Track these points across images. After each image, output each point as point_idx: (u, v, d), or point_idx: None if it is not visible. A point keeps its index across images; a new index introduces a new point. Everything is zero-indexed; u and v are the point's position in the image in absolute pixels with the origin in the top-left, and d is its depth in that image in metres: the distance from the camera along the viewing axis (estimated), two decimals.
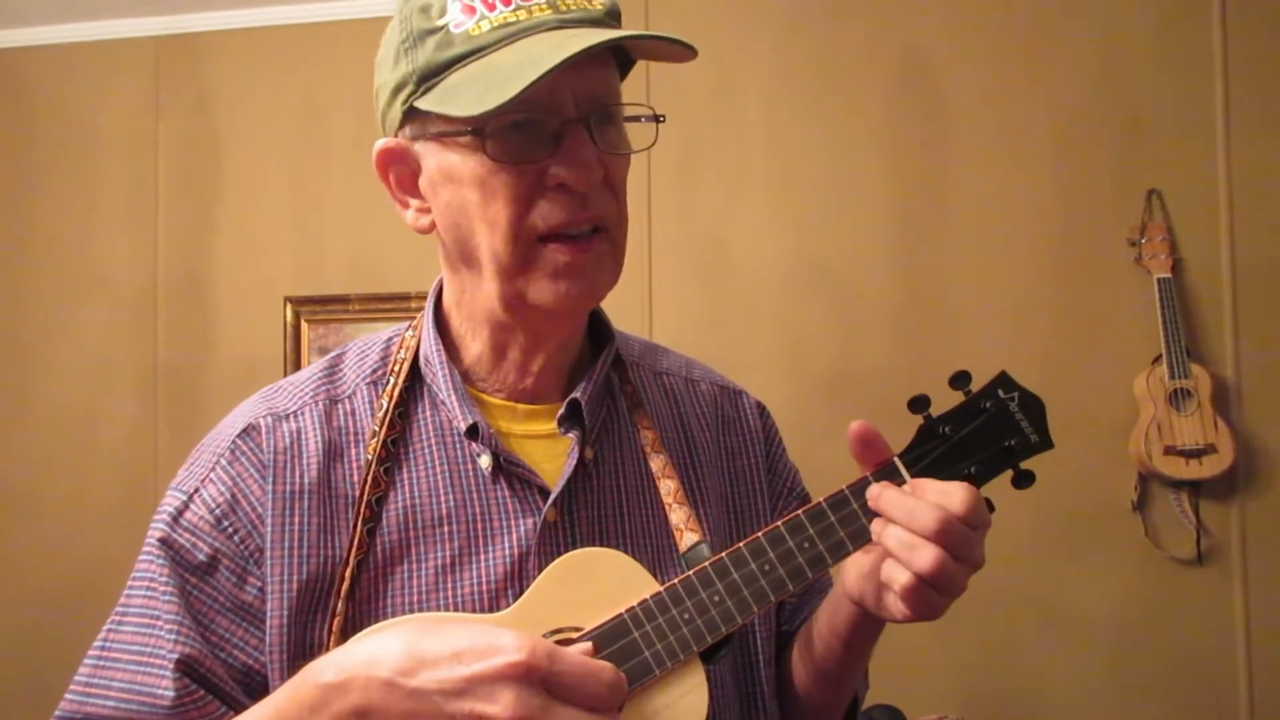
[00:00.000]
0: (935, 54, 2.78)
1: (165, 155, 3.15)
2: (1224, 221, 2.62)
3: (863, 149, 2.79)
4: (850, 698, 1.03)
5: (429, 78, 0.83)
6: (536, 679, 0.71)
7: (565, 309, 0.87)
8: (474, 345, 0.93)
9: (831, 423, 2.67)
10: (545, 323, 0.90)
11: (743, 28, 2.86)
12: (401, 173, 0.90)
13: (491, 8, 0.82)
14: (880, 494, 0.83)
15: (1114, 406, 2.61)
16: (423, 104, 0.83)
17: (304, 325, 3.04)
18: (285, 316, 3.04)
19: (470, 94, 0.80)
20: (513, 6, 0.82)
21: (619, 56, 0.88)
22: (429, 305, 0.96)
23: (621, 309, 2.32)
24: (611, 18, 0.86)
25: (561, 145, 0.82)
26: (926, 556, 0.78)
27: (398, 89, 0.85)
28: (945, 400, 0.89)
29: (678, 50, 0.84)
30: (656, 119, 0.89)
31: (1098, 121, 2.69)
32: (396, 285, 2.97)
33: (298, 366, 3.02)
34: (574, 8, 0.83)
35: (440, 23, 0.83)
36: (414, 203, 0.91)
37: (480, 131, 0.82)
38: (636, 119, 0.88)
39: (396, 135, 0.89)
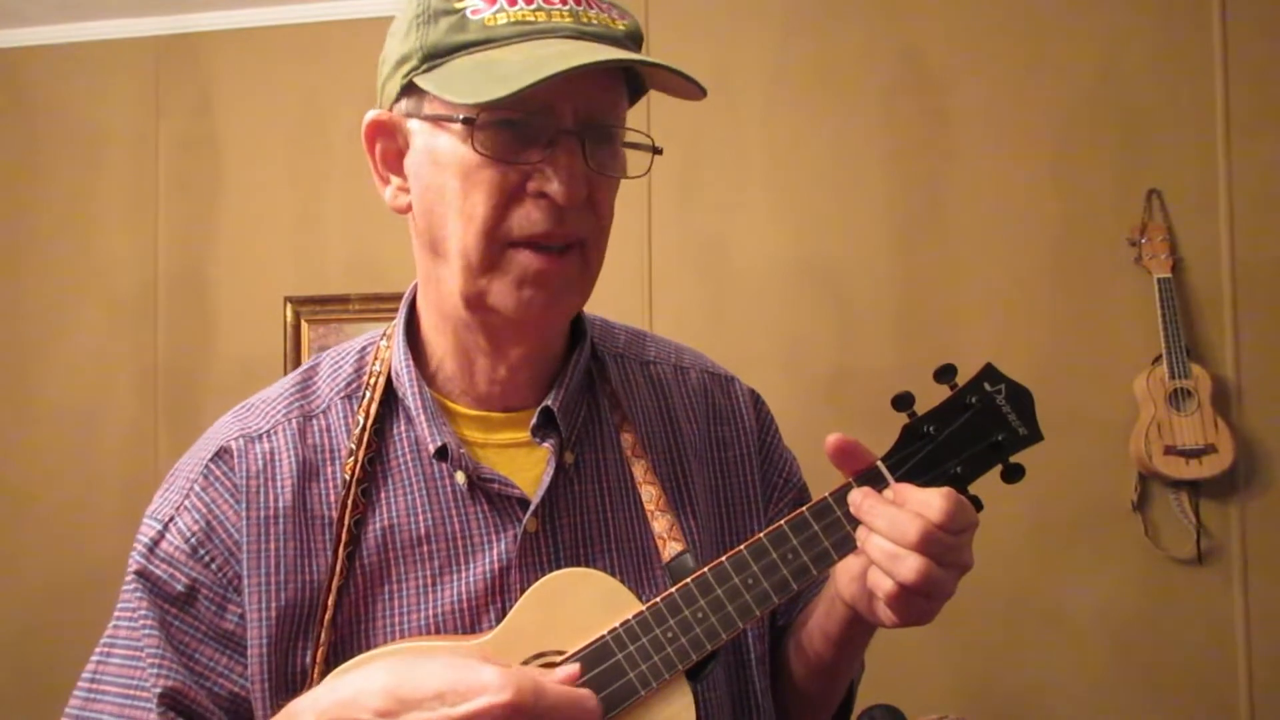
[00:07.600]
0: (935, 54, 2.78)
1: (165, 155, 3.14)
2: (1224, 221, 2.62)
3: (863, 149, 2.79)
4: (846, 685, 1.02)
5: (435, 57, 0.82)
6: (522, 717, 0.71)
7: (525, 318, 0.85)
8: (440, 343, 0.91)
9: (830, 423, 2.66)
10: (506, 329, 0.88)
11: (743, 28, 2.85)
12: (388, 148, 0.88)
13: (512, 2, 0.81)
14: (862, 501, 0.81)
15: (1114, 406, 2.60)
16: (423, 82, 0.82)
17: (304, 325, 3.04)
18: (285, 316, 3.03)
19: (470, 83, 0.79)
20: (534, 6, 0.81)
21: (630, 81, 0.87)
22: (401, 314, 0.94)
23: (622, 309, 2.32)
24: (632, 40, 0.85)
25: (551, 153, 0.81)
26: (910, 566, 0.77)
27: (402, 61, 0.84)
28: (931, 395, 0.87)
29: (688, 88, 0.82)
30: (654, 150, 0.86)
31: (1098, 121, 2.69)
32: (396, 285, 2.97)
33: (298, 366, 3.02)
34: (595, 23, 0.82)
35: (459, 6, 0.81)
36: (395, 180, 0.89)
37: (472, 121, 0.80)
38: (634, 145, 0.86)
39: (391, 109, 0.87)
